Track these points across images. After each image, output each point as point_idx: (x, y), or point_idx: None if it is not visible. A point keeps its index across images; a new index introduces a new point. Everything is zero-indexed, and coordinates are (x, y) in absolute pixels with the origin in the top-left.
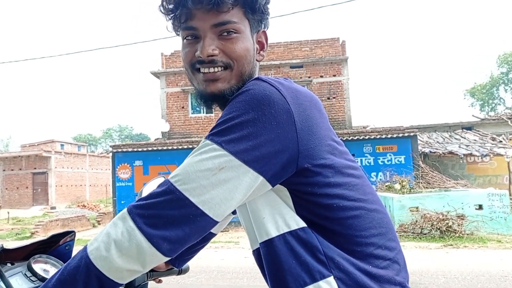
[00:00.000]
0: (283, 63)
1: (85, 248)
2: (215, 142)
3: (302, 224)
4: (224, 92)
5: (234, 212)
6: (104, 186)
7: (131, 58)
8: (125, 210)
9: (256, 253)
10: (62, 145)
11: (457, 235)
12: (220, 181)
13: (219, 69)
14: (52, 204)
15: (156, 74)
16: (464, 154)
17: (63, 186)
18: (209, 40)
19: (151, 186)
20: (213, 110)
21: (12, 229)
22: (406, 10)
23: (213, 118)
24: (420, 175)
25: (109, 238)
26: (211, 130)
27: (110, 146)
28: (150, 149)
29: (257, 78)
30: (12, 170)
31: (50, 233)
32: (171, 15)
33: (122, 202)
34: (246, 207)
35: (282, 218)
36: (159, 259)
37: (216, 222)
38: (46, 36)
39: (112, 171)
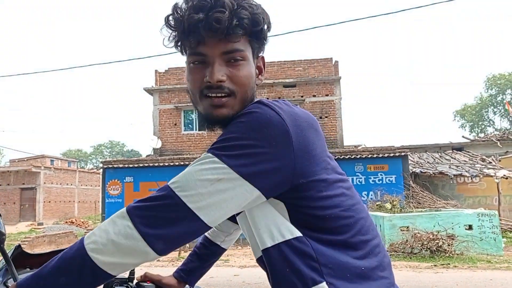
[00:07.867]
0: (277, 82)
1: (82, 240)
2: (216, 155)
3: (297, 233)
4: (229, 117)
5: None
6: (93, 203)
7: (125, 75)
8: (124, 209)
9: (261, 261)
10: (52, 161)
11: (447, 255)
12: (217, 190)
13: (225, 95)
14: (39, 220)
15: (150, 91)
16: (454, 175)
17: (52, 202)
18: (219, 67)
19: None
20: (214, 130)
21: None
22: (398, 31)
23: (205, 135)
24: (411, 194)
25: (107, 234)
26: (213, 144)
27: (101, 162)
28: (141, 165)
29: (259, 102)
30: (0, 185)
31: (37, 249)
32: (181, 37)
33: None
34: (246, 218)
35: (277, 228)
36: (152, 257)
37: (209, 228)
38: (39, 50)
39: (102, 187)
